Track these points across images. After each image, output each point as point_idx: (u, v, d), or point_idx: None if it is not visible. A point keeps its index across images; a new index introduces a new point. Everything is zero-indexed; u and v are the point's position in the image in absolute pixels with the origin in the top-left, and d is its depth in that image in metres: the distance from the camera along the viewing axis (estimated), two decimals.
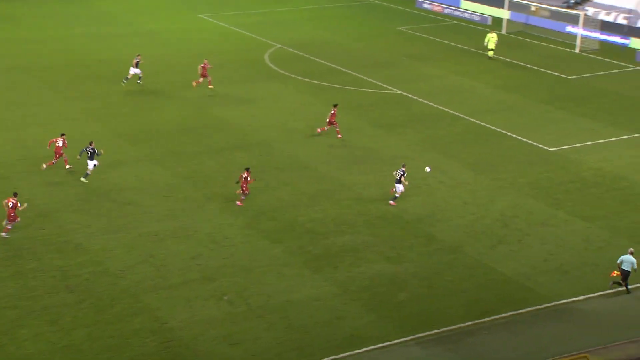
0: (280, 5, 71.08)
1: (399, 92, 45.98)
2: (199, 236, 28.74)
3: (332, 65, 51.63)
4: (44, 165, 33.18)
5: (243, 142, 37.98)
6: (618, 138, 39.08)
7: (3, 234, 28.18)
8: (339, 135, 38.04)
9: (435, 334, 23.33)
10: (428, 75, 50.06)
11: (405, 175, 30.85)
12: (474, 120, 41.45)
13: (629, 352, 22.36)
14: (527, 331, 23.64)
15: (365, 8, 71.00)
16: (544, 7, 62.80)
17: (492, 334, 23.40)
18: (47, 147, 33.61)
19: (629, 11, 59.16)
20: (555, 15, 61.83)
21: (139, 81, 44.96)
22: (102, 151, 32.88)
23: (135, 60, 44.26)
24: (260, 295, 25.12)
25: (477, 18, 65.54)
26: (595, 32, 58.26)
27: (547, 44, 58.41)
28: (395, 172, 31.29)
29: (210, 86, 44.66)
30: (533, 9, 63.60)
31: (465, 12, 67.10)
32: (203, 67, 44.42)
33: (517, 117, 42.32)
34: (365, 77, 48.89)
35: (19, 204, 27.90)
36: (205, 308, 24.39)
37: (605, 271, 26.65)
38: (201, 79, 44.48)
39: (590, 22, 58.64)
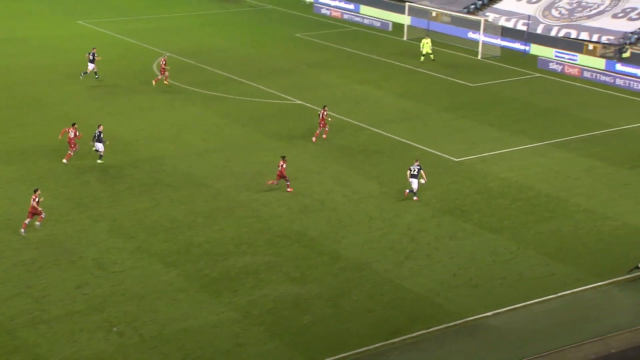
0: (167, 11, 70.35)
1: (299, 102, 46.31)
2: (83, 262, 27.90)
3: (226, 74, 51.46)
4: (65, 161, 35.55)
5: (132, 159, 37.23)
6: (523, 147, 40.73)
7: (22, 230, 29.24)
8: (324, 136, 39.85)
9: (343, 357, 23.49)
10: (329, 83, 50.70)
11: (421, 170, 32.94)
12: (377, 131, 42.25)
13: None
14: (437, 350, 24.18)
15: (259, 14, 71.26)
16: (445, 13, 64.93)
17: (402, 355, 23.79)
18: (59, 137, 35.84)
19: (528, 17, 62.00)
20: (456, 21, 64.03)
21: (96, 76, 47.14)
22: (107, 142, 35.95)
23: (90, 55, 46.72)
24: (154, 324, 24.61)
25: (377, 24, 67.01)
26: (496, 38, 60.69)
27: (450, 51, 60.36)
28: (411, 169, 33.09)
29: (165, 82, 46.87)
30: (434, 14, 65.63)
31: (365, 17, 68.48)
32: (162, 63, 47.12)
33: (421, 126, 43.44)
34: (262, 87, 48.99)
35: (37, 199, 29.35)
36: (92, 342, 23.66)
37: (513, 284, 27.68)
38: (160, 76, 46.78)
39: (491, 28, 61.07)
